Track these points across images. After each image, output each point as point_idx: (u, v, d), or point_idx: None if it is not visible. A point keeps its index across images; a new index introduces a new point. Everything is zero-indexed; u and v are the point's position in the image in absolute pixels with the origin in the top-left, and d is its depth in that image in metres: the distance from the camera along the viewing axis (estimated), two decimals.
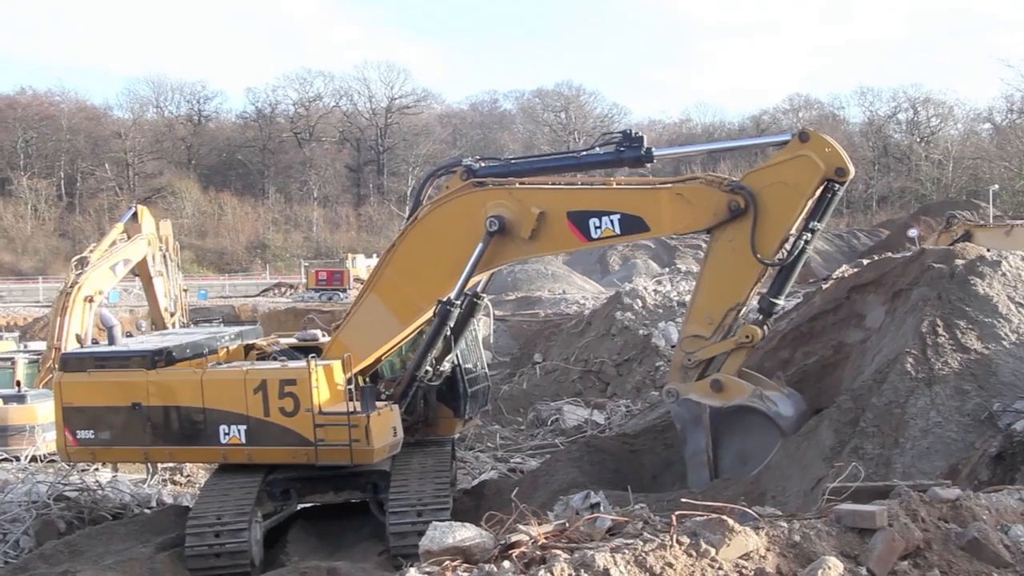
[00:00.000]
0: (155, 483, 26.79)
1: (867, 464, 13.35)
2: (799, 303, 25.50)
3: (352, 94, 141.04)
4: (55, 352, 31.46)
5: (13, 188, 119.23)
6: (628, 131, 17.58)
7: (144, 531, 19.48)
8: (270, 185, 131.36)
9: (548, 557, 8.81)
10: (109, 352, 20.30)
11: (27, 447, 26.93)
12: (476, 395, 20.25)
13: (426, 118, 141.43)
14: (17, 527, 21.87)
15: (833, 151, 15.72)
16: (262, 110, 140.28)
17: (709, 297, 16.41)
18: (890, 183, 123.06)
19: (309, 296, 73.62)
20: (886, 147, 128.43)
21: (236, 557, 17.08)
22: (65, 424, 19.30)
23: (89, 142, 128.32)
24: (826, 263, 72.05)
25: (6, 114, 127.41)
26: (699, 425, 16.26)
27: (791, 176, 15.72)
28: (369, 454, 17.48)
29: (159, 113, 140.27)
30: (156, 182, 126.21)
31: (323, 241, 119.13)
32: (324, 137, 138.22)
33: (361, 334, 18.71)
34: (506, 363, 38.97)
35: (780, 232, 15.78)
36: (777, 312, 16.81)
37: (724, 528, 8.83)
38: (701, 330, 16.28)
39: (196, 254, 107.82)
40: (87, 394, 19.12)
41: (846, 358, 18.20)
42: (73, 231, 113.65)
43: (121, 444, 19.12)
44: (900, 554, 8.99)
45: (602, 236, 16.93)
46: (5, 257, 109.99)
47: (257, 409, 17.87)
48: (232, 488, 18.18)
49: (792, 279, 16.26)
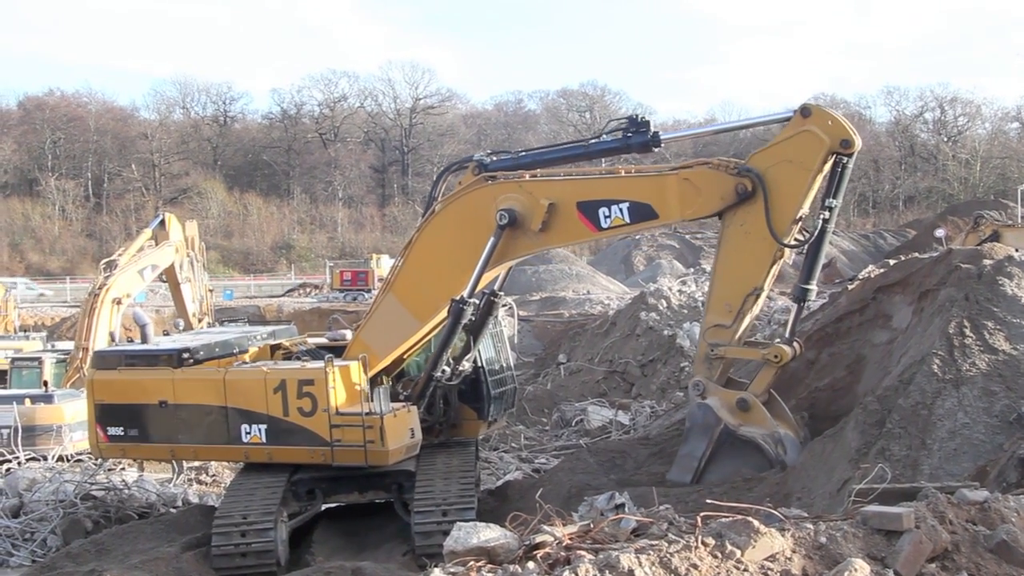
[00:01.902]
0: (181, 483, 26.91)
1: (894, 466, 13.24)
2: (825, 303, 25.39)
3: (377, 94, 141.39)
4: (83, 352, 31.75)
5: (41, 189, 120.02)
6: (634, 116, 17.44)
7: (170, 530, 19.58)
8: (295, 185, 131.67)
9: (573, 558, 8.80)
10: (138, 350, 20.48)
11: (54, 447, 27.12)
12: (501, 397, 20.16)
13: (451, 118, 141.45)
14: (45, 526, 22.05)
15: (836, 124, 15.40)
16: (287, 111, 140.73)
17: (726, 284, 16.20)
18: (917, 183, 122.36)
19: (334, 296, 73.83)
20: (913, 147, 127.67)
21: (262, 556, 17.15)
22: (97, 421, 19.66)
23: (116, 143, 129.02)
24: (852, 263, 71.74)
25: (34, 115, 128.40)
26: (706, 434, 16.06)
27: (796, 153, 15.45)
28: (384, 455, 17.50)
29: (185, 114, 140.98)
30: (182, 183, 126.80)
31: (348, 241, 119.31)
32: (349, 137, 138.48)
33: (380, 333, 18.72)
34: (530, 363, 38.99)
35: (791, 212, 15.49)
36: (810, 299, 16.49)
37: (750, 529, 8.80)
38: (721, 319, 16.06)
39: (222, 254, 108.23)
40: (117, 391, 19.45)
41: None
42: (100, 231, 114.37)
43: (149, 441, 19.37)
44: (928, 556, 8.94)
45: (612, 225, 16.78)
46: (33, 257, 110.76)
47: (277, 409, 18.00)
48: (258, 488, 18.27)
49: (819, 261, 15.99)
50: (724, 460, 16.07)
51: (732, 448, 15.92)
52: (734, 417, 15.87)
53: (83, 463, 26.37)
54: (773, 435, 15.71)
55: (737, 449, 15.89)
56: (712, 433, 15.93)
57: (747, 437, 15.74)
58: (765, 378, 16.00)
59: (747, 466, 15.86)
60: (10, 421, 27.73)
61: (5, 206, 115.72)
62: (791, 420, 16.28)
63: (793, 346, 16.17)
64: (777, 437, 15.70)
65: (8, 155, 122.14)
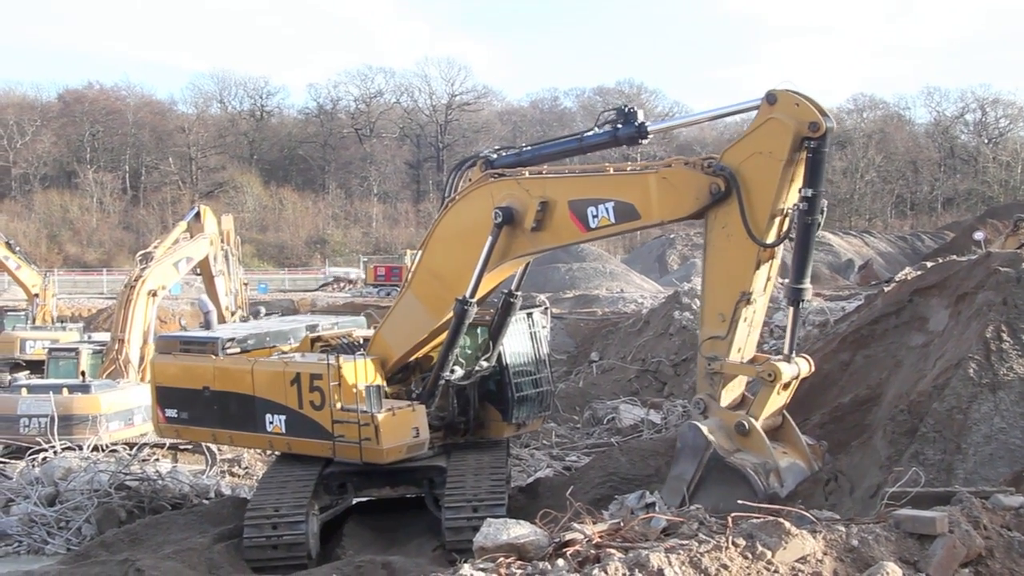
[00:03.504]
0: (214, 474, 27.12)
1: (928, 470, 13.13)
2: (860, 305, 25.22)
3: (413, 90, 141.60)
4: (119, 343, 32.07)
5: (79, 181, 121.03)
6: (623, 107, 16.85)
7: (203, 521, 19.78)
8: (330, 180, 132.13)
9: (602, 556, 8.80)
10: (190, 337, 21.62)
11: (90, 436, 27.36)
12: (528, 400, 19.95)
13: (486, 115, 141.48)
14: (79, 515, 22.29)
15: (803, 106, 13.97)
16: (324, 106, 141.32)
17: (716, 293, 14.92)
18: (956, 185, 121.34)
19: (367, 291, 74.06)
20: (952, 148, 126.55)
21: (293, 549, 17.26)
22: (157, 402, 20.81)
23: (154, 136, 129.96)
24: (889, 265, 71.24)
25: (74, 108, 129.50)
26: (695, 457, 14.43)
27: (764, 143, 14.23)
28: (379, 454, 17.67)
29: (222, 108, 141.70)
30: (218, 176, 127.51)
31: (382, 237, 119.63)
32: (384, 133, 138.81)
33: (399, 329, 18.79)
34: (563, 361, 38.93)
35: (767, 207, 14.26)
36: (805, 299, 14.69)
37: (781, 531, 8.77)
38: (716, 330, 14.76)
39: (256, 248, 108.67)
40: (172, 375, 20.44)
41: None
42: (137, 224, 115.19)
43: (196, 424, 20.24)
44: (961, 562, 8.88)
45: (599, 226, 15.96)
46: (71, 249, 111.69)
47: (293, 401, 18.41)
48: (289, 481, 18.43)
49: (808, 258, 14.50)
50: (713, 486, 14.33)
51: (721, 474, 14.25)
52: (731, 441, 14.37)
53: (118, 453, 26.61)
54: (765, 464, 14.12)
55: (726, 476, 14.20)
56: (701, 457, 14.36)
57: (734, 465, 14.13)
58: (764, 399, 14.48)
59: (736, 495, 13.41)
60: (47, 410, 28.01)
61: (44, 198, 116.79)
62: (802, 448, 14.85)
63: (794, 362, 14.66)
64: (769, 467, 14.11)
65: (48, 147, 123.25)
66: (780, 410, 14.75)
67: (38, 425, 28.20)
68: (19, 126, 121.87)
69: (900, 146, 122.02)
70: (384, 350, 18.84)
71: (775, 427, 14.77)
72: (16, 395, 29.89)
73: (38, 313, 51.64)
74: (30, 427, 28.39)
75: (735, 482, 13.94)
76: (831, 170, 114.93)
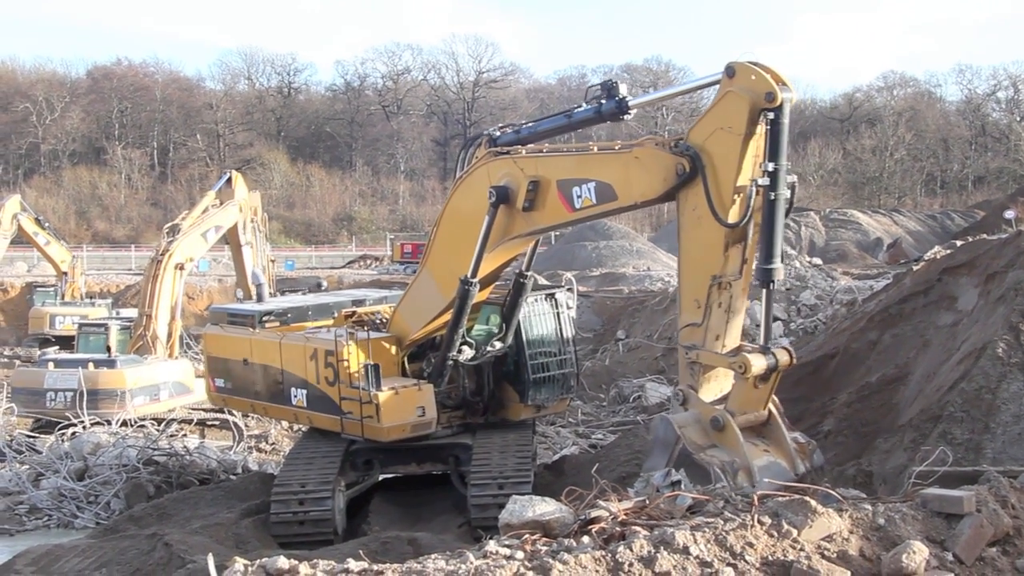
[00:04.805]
0: (241, 450, 27.29)
1: (955, 449, 13.04)
2: (888, 284, 25.07)
3: (440, 68, 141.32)
4: (146, 319, 32.15)
5: (108, 157, 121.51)
6: (607, 81, 16.18)
7: (230, 497, 19.94)
8: (357, 158, 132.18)
9: (627, 533, 8.80)
10: (235, 310, 22.16)
11: (118, 411, 27.57)
12: (548, 382, 19.74)
13: (513, 92, 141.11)
14: (108, 489, 22.54)
15: (759, 77, 13.15)
16: (351, 83, 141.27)
17: (690, 278, 14.12)
18: (987, 163, 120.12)
19: (394, 268, 74.16)
20: (984, 126, 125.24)
21: (320, 525, 17.36)
22: (208, 371, 21.57)
23: (182, 113, 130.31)
24: (918, 244, 70.71)
25: (102, 84, 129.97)
26: (665, 451, 13.64)
27: (724, 118, 13.50)
28: (381, 431, 17.78)
29: (250, 85, 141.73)
30: (246, 153, 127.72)
31: (409, 214, 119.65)
32: (412, 110, 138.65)
33: (414, 307, 18.75)
34: (589, 339, 38.92)
35: (730, 185, 13.47)
36: (776, 279, 13.47)
37: (807, 509, 8.75)
38: (693, 317, 13.87)
39: (284, 225, 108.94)
40: (219, 346, 21.11)
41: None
42: (165, 200, 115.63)
43: (239, 395, 20.80)
44: (988, 540, 8.83)
45: (583, 206, 15.46)
46: (99, 225, 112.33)
47: (312, 375, 18.66)
48: (316, 457, 18.55)
49: (776, 237, 13.24)
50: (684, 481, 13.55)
51: (691, 470, 13.35)
52: (706, 436, 13.44)
53: (146, 428, 26.81)
54: (734, 463, 13.06)
55: (695, 472, 13.29)
56: (672, 451, 13.59)
57: (702, 462, 13.24)
58: (738, 393, 13.45)
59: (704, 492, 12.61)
60: (73, 385, 28.26)
61: (73, 174, 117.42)
62: (786, 447, 13.57)
63: (771, 354, 13.33)
64: (738, 466, 13.02)
65: (76, 124, 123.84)
66: (763, 404, 13.65)
67: (64, 399, 28.47)
68: (48, 102, 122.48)
69: (931, 124, 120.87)
70: (401, 328, 18.87)
71: (760, 422, 13.74)
72: (43, 369, 30.19)
73: (67, 289, 52.08)
74: (56, 401, 28.69)
75: (704, 478, 13.02)
76: (860, 148, 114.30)
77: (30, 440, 27.13)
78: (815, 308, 35.28)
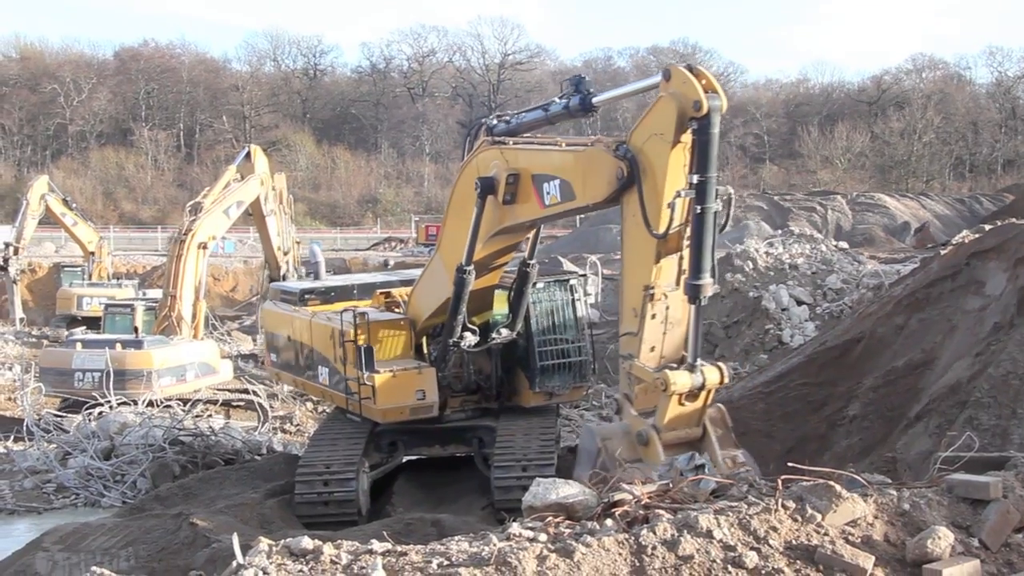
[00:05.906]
0: (266, 431, 27.44)
1: (982, 435, 12.95)
2: (915, 268, 24.91)
3: (465, 50, 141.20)
4: (171, 299, 32.28)
5: (135, 139, 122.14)
6: (576, 76, 15.73)
7: (255, 477, 20.06)
8: (383, 140, 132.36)
9: (651, 517, 8.79)
10: (287, 287, 22.95)
11: (144, 391, 27.73)
12: (559, 369, 19.42)
13: (539, 74, 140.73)
14: (135, 469, 22.70)
15: (688, 84, 12.29)
16: (376, 65, 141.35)
17: (629, 286, 13.47)
18: (1017, 147, 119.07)
19: (419, 251, 74.27)
20: (1014, 109, 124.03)
21: (344, 506, 17.43)
22: (266, 346, 22.61)
23: (208, 94, 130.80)
24: (946, 228, 70.20)
25: (129, 66, 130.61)
26: (589, 462, 12.95)
27: (657, 124, 12.77)
28: (377, 413, 17.99)
29: (276, 66, 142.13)
30: (271, 135, 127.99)
31: (434, 197, 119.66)
32: (437, 92, 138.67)
33: (426, 292, 18.74)
34: (613, 322, 38.81)
35: (660, 194, 12.67)
36: (703, 296, 12.45)
37: (831, 494, 8.71)
38: (630, 326, 13.28)
39: (309, 207, 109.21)
40: (272, 323, 22.09)
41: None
42: (191, 182, 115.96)
43: (287, 371, 21.52)
44: (1015, 527, 8.78)
45: (551, 203, 14.89)
46: (126, 206, 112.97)
47: (331, 355, 18.98)
48: (340, 438, 18.65)
49: (705, 251, 12.28)
50: None
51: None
52: (633, 450, 12.77)
53: (172, 409, 26.97)
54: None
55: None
56: (594, 461, 12.86)
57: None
58: (663, 409, 12.61)
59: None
60: (100, 365, 28.47)
61: (100, 155, 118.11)
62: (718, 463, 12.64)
63: (698, 371, 12.48)
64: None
65: (104, 105, 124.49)
66: (695, 422, 12.92)
67: (92, 379, 28.69)
68: (76, 84, 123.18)
69: (960, 107, 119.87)
70: (415, 311, 18.94)
71: (695, 439, 13.00)
72: (71, 349, 30.42)
73: (94, 270, 52.43)
74: (84, 381, 28.94)
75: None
76: (888, 131, 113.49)
77: (58, 420, 27.34)
78: (841, 292, 35.14)
